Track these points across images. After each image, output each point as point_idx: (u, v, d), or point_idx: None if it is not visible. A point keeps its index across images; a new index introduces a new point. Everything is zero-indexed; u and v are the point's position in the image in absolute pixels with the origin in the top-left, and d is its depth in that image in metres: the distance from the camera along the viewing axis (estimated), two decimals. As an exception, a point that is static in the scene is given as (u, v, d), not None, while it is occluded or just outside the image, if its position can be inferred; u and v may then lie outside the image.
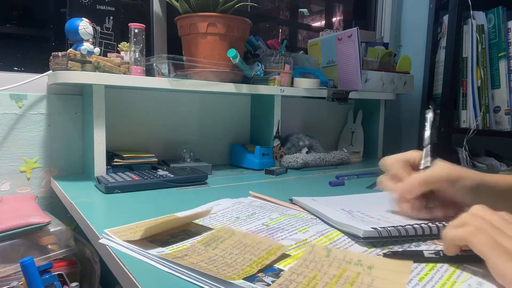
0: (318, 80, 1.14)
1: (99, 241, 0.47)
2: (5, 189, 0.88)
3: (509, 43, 1.16)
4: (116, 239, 0.46)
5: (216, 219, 0.55)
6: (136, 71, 0.87)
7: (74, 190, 0.76)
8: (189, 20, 0.95)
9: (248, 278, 0.36)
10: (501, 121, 1.19)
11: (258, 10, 1.46)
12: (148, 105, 1.02)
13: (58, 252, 0.68)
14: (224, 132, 1.16)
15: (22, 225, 0.63)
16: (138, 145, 1.01)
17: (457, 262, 0.41)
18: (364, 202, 0.65)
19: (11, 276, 0.63)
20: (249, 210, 0.60)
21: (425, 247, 0.46)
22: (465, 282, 0.37)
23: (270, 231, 0.50)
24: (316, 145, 1.18)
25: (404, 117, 1.59)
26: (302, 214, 0.58)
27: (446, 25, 1.22)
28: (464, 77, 1.19)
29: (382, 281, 0.36)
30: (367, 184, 0.85)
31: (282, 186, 0.85)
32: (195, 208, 0.61)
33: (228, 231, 0.47)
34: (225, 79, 0.97)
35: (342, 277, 0.36)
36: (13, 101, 0.87)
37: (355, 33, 1.15)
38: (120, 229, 0.50)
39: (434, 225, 0.49)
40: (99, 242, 0.47)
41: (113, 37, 0.96)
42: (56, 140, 0.92)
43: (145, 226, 0.47)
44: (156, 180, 0.78)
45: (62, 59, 0.78)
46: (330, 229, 0.51)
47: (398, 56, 1.41)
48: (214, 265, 0.38)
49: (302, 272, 0.37)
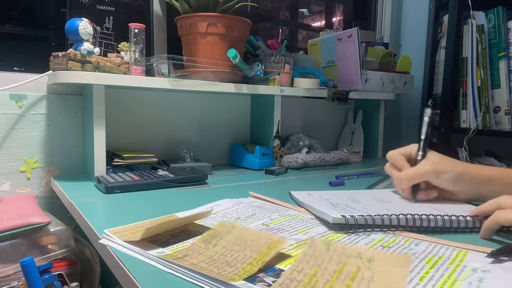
0: (318, 80, 1.14)
1: (99, 241, 0.47)
2: (5, 189, 0.88)
3: (509, 43, 1.16)
4: (116, 239, 0.46)
5: (216, 220, 0.55)
6: (136, 71, 0.87)
7: (74, 190, 0.76)
8: (189, 20, 0.95)
9: (249, 278, 0.36)
10: (501, 121, 1.19)
11: (258, 10, 1.46)
12: (148, 105, 1.02)
13: (58, 252, 0.68)
14: (224, 132, 1.16)
15: (22, 225, 0.63)
16: (138, 145, 1.01)
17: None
18: (358, 197, 0.68)
19: (11, 276, 0.63)
20: (249, 210, 0.60)
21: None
22: (466, 280, 0.37)
23: (270, 231, 0.50)
24: (316, 145, 1.18)
25: (404, 117, 1.59)
26: (302, 215, 0.58)
27: (446, 25, 1.21)
28: (464, 77, 1.19)
29: (383, 275, 0.36)
30: (367, 184, 0.85)
31: (282, 186, 0.85)
32: (196, 209, 0.61)
33: (228, 225, 0.47)
34: (225, 79, 0.97)
35: (342, 273, 0.36)
36: (13, 101, 0.87)
37: (355, 33, 1.15)
38: (120, 229, 0.50)
39: (403, 216, 0.52)
40: (99, 242, 0.47)
41: (113, 37, 0.96)
42: (56, 140, 0.92)
43: (145, 227, 0.47)
44: (156, 180, 0.78)
45: (62, 59, 0.78)
46: (330, 232, 0.51)
47: (398, 56, 1.41)
48: (215, 266, 0.38)
49: (302, 269, 0.37)
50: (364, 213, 0.53)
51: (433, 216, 0.52)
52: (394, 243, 0.48)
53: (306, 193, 0.69)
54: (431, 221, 0.52)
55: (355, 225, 0.51)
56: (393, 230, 0.52)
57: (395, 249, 0.45)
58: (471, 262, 0.42)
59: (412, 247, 0.46)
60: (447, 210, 0.59)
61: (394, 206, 0.62)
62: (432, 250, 0.45)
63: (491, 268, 0.40)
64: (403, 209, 0.57)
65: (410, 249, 0.46)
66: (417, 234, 0.51)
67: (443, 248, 0.46)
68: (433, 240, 0.49)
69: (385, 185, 0.84)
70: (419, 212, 0.53)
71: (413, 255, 0.43)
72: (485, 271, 0.39)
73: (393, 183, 0.72)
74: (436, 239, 0.50)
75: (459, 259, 0.43)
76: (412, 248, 0.46)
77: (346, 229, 0.51)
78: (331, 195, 0.68)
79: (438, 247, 0.46)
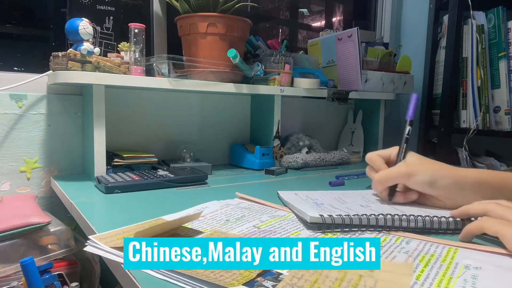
0: (318, 80, 1.14)
1: (85, 249, 0.45)
2: (5, 189, 0.88)
3: (509, 43, 1.16)
4: (103, 246, 0.44)
5: (206, 222, 0.54)
6: (136, 71, 0.87)
7: (74, 190, 0.76)
8: (189, 20, 0.95)
9: (247, 283, 0.36)
10: (501, 121, 1.19)
11: (258, 10, 1.46)
12: (148, 105, 1.02)
13: (58, 252, 0.68)
14: (224, 132, 1.16)
15: (22, 225, 0.63)
16: (138, 145, 1.01)
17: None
18: (346, 197, 0.67)
19: (11, 276, 0.63)
20: (238, 212, 0.59)
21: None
22: (461, 278, 0.37)
23: (262, 234, 0.50)
24: (316, 145, 1.18)
25: (404, 117, 1.58)
26: (291, 215, 0.58)
27: (446, 25, 1.22)
28: (464, 77, 1.19)
29: (386, 283, 0.36)
30: (367, 184, 0.85)
31: (282, 186, 0.85)
32: (183, 211, 0.60)
33: (221, 235, 0.47)
34: (225, 79, 0.97)
35: (344, 280, 0.36)
36: (13, 101, 0.87)
37: (355, 33, 1.15)
38: (106, 235, 0.48)
39: (382, 217, 0.51)
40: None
41: (113, 37, 0.96)
42: (56, 140, 0.92)
43: (132, 231, 0.46)
44: (156, 180, 0.78)
45: (62, 59, 0.78)
46: (321, 233, 0.51)
47: (398, 56, 1.41)
48: (211, 270, 0.38)
49: (302, 275, 0.37)
50: (345, 213, 0.53)
51: (413, 217, 0.52)
52: (385, 241, 0.48)
53: (294, 193, 0.69)
54: (411, 221, 0.51)
55: (332, 224, 0.51)
56: (371, 230, 0.52)
57: (387, 248, 0.45)
58: (463, 259, 0.42)
59: (403, 245, 0.46)
60: (432, 210, 0.58)
61: (380, 206, 0.61)
62: (424, 248, 0.46)
63: (483, 265, 0.41)
64: (388, 209, 0.57)
65: (402, 247, 0.46)
66: (407, 233, 0.51)
67: (433, 245, 0.46)
68: (423, 238, 0.49)
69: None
70: (405, 213, 0.53)
71: (405, 254, 0.44)
72: (478, 268, 0.40)
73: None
74: (425, 237, 0.50)
75: (450, 256, 0.43)
76: (404, 246, 0.46)
77: (324, 228, 0.51)
78: (318, 195, 0.67)
79: (428, 245, 0.47)
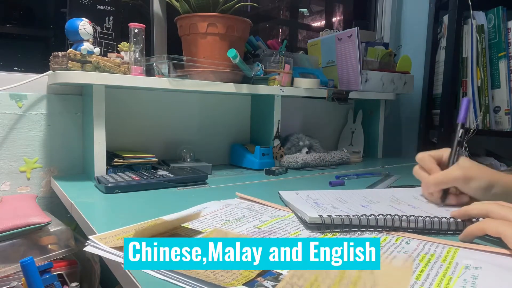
0: (318, 80, 1.14)
1: (85, 249, 0.45)
2: (5, 189, 0.88)
3: (509, 43, 1.16)
4: (103, 246, 0.44)
5: (206, 222, 0.54)
6: (136, 71, 0.87)
7: (74, 190, 0.76)
8: (189, 20, 0.95)
9: (247, 283, 0.36)
10: (501, 121, 1.19)
11: (258, 10, 1.46)
12: (148, 105, 1.02)
13: (58, 252, 0.68)
14: (224, 132, 1.16)
15: (22, 225, 0.63)
16: (138, 145, 1.01)
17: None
18: (347, 197, 0.66)
19: (11, 276, 0.63)
20: (238, 212, 0.59)
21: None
22: (461, 278, 0.37)
23: (262, 234, 0.49)
24: (316, 145, 1.18)
25: (404, 117, 1.59)
26: (291, 215, 0.58)
27: (446, 25, 1.22)
28: (464, 77, 1.19)
29: (385, 283, 0.36)
30: (367, 184, 0.85)
31: (282, 186, 0.85)
32: (182, 211, 0.60)
33: (221, 233, 0.47)
34: (225, 79, 0.97)
35: (344, 278, 0.36)
36: (13, 101, 0.87)
37: (355, 33, 1.15)
38: (106, 235, 0.48)
39: (382, 217, 0.51)
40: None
41: (113, 37, 0.96)
42: (56, 140, 0.92)
43: (131, 232, 0.46)
44: (156, 180, 0.78)
45: (62, 59, 0.78)
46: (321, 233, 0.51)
47: (398, 56, 1.41)
48: (211, 271, 0.38)
49: (302, 274, 0.37)
50: (345, 213, 0.52)
51: (413, 217, 0.51)
52: (385, 242, 0.48)
53: (295, 192, 0.69)
54: (411, 222, 0.51)
55: (332, 224, 0.51)
56: (371, 230, 0.52)
57: (387, 248, 0.45)
58: (463, 259, 0.42)
59: (403, 245, 0.46)
60: (432, 210, 0.58)
61: (381, 206, 0.61)
62: (423, 248, 0.46)
63: (483, 265, 0.41)
64: (389, 210, 0.57)
65: (402, 247, 0.46)
66: (407, 233, 0.51)
67: (433, 245, 0.46)
68: (423, 238, 0.49)
69: (385, 185, 0.84)
70: (406, 213, 0.53)
71: (405, 254, 0.44)
72: (478, 268, 0.40)
73: (421, 186, 0.68)
74: (425, 237, 0.50)
75: (450, 256, 0.43)
76: (404, 246, 0.46)
77: (323, 228, 0.51)
78: (319, 195, 0.67)
79: (428, 245, 0.47)
